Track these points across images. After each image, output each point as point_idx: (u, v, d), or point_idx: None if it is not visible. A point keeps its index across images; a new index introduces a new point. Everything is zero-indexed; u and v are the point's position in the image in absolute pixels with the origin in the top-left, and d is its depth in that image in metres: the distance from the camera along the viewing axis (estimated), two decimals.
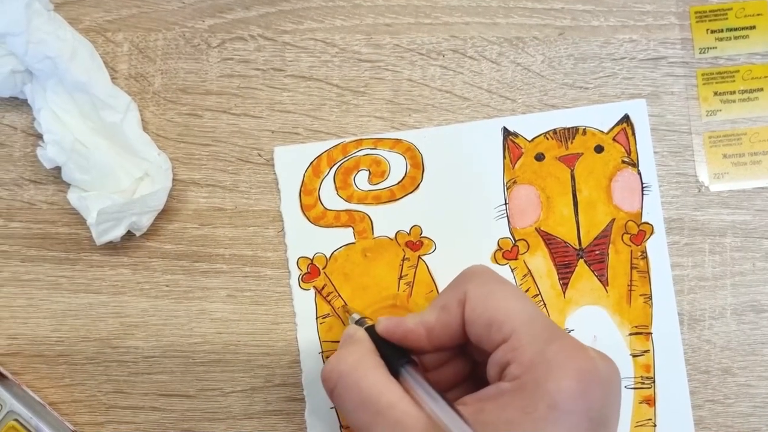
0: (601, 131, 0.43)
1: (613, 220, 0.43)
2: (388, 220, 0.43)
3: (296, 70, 0.44)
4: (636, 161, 0.43)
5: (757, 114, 0.44)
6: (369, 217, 0.43)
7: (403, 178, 0.43)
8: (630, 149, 0.43)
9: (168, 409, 0.42)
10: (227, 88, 0.43)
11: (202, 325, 0.42)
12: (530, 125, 0.43)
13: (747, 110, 0.44)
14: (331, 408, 0.42)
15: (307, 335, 0.42)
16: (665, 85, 0.44)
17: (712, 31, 0.44)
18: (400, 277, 0.43)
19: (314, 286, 0.43)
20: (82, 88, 0.41)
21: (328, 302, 0.42)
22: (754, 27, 0.44)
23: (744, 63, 0.44)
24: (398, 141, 0.43)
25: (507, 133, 0.43)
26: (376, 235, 0.43)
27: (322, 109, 0.43)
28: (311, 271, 0.43)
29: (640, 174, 0.43)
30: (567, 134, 0.43)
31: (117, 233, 0.40)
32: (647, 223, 0.43)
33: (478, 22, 0.44)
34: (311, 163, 0.43)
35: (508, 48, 0.44)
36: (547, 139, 0.43)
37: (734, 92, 0.44)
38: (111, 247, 0.42)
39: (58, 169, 0.41)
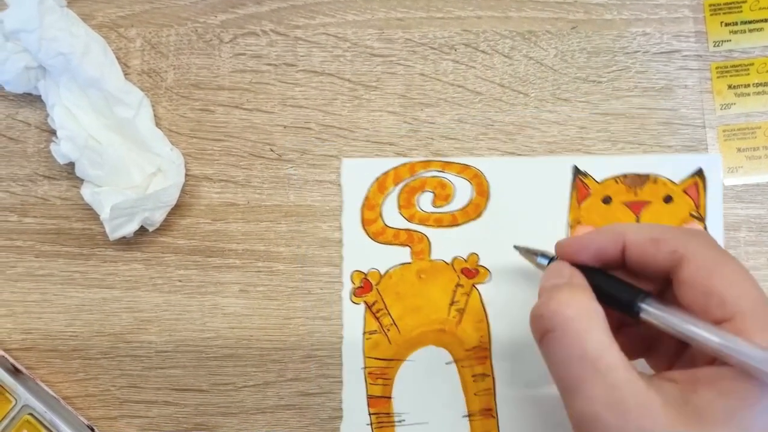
0: (673, 182, 0.43)
1: None
2: (446, 244, 0.42)
3: (308, 65, 0.44)
4: (704, 216, 0.42)
5: None
6: (428, 238, 0.43)
7: (467, 205, 0.43)
8: (699, 203, 0.43)
9: (181, 404, 0.42)
10: (239, 84, 0.43)
11: (214, 320, 0.42)
12: (601, 167, 0.42)
13: (761, 104, 0.43)
14: (367, 425, 0.42)
15: (352, 349, 0.42)
16: (679, 79, 0.43)
17: (726, 24, 0.43)
18: (452, 303, 0.42)
19: (365, 301, 0.42)
20: (95, 84, 0.41)
21: (377, 319, 0.42)
22: None
23: (758, 56, 0.43)
24: (466, 167, 0.43)
25: (577, 172, 0.43)
26: (432, 257, 0.43)
27: (334, 104, 0.43)
28: (364, 285, 0.43)
29: (706, 229, 0.42)
30: (638, 180, 0.42)
31: (130, 228, 0.41)
32: None
33: (491, 16, 0.44)
34: (377, 178, 0.43)
35: (521, 42, 0.44)
36: (617, 182, 0.43)
37: (749, 85, 0.43)
38: (124, 243, 0.43)
39: (71, 164, 0.41)
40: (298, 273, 0.43)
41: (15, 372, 0.41)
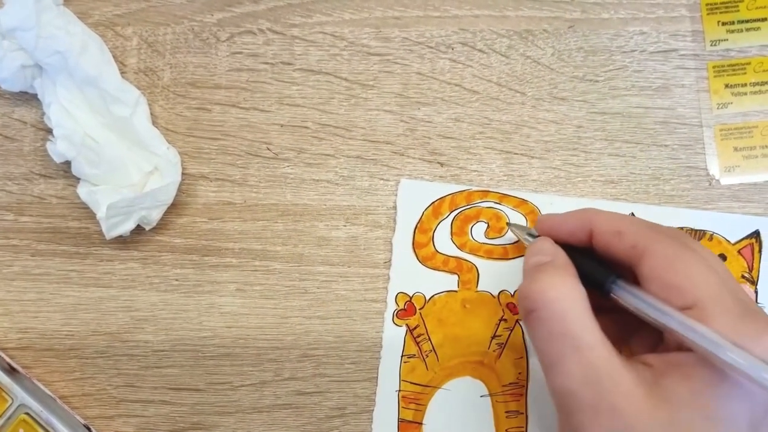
0: (728, 241, 0.42)
1: None
2: (495, 277, 0.42)
3: (305, 63, 0.43)
4: (756, 279, 0.42)
5: None
6: (477, 269, 0.42)
7: (520, 240, 0.42)
8: (753, 266, 0.42)
9: (178, 403, 0.42)
10: (236, 82, 0.43)
11: (211, 319, 0.42)
12: (659, 217, 0.41)
13: (758, 103, 0.43)
14: None
15: (388, 371, 0.42)
16: (676, 78, 0.43)
17: (723, 23, 0.43)
18: (494, 336, 0.42)
19: (407, 324, 0.42)
20: (91, 82, 0.41)
21: (417, 344, 0.42)
22: (765, 19, 0.43)
23: (756, 55, 0.43)
24: (523, 201, 0.43)
25: None
26: (479, 288, 0.42)
27: (331, 103, 0.43)
28: (408, 308, 0.42)
29: (757, 293, 0.42)
30: (693, 235, 0.42)
31: (127, 227, 0.40)
32: None
33: (488, 15, 0.44)
34: (433, 202, 0.43)
35: (518, 41, 0.44)
36: None
37: (746, 85, 0.43)
38: (121, 242, 0.43)
39: (67, 163, 0.41)
40: (295, 272, 0.43)
41: (11, 371, 0.41)
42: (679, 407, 0.29)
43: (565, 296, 0.32)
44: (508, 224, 0.42)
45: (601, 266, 0.35)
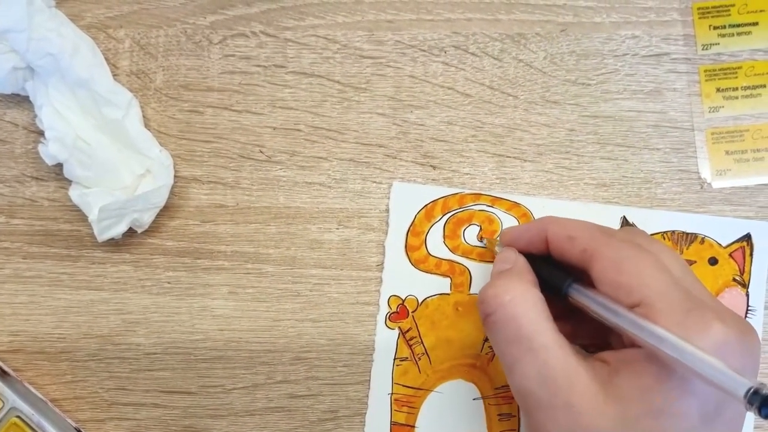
0: (720, 244, 0.42)
1: None
2: (487, 280, 0.41)
3: (298, 66, 0.43)
4: (747, 282, 0.42)
5: (760, 110, 0.43)
6: (469, 272, 0.42)
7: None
8: (744, 269, 0.42)
9: (170, 406, 0.42)
10: (229, 85, 0.43)
11: (203, 321, 0.42)
12: (650, 220, 0.42)
13: (750, 107, 0.43)
14: None
15: (381, 374, 0.42)
16: (668, 82, 0.44)
17: (715, 28, 0.44)
18: (486, 339, 0.42)
19: (399, 327, 0.42)
20: (83, 84, 0.41)
21: (410, 347, 0.42)
22: (756, 23, 0.44)
23: (747, 59, 0.44)
24: (516, 204, 0.43)
25: (626, 223, 0.42)
26: (472, 291, 0.42)
27: (323, 106, 0.43)
28: (400, 311, 0.42)
29: (748, 296, 0.42)
30: (685, 239, 0.42)
31: (119, 230, 0.40)
32: None
33: (480, 19, 0.44)
34: (425, 205, 0.43)
35: (510, 44, 0.44)
36: (664, 238, 0.42)
37: (737, 89, 0.43)
38: (112, 244, 0.42)
39: (59, 165, 0.41)
40: (287, 275, 0.43)
41: (2, 374, 0.41)
42: (630, 403, 0.30)
43: (520, 300, 0.33)
44: (480, 239, 0.42)
45: (559, 271, 0.36)
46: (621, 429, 0.30)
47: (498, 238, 0.42)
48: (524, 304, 0.33)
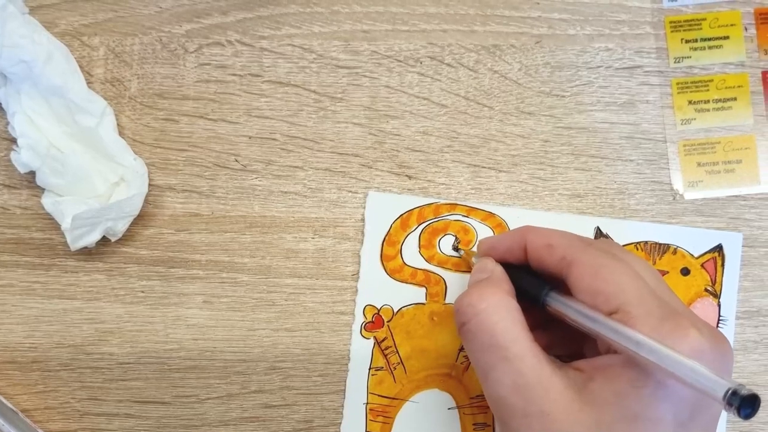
0: (692, 255, 0.43)
1: None
2: (462, 290, 0.41)
3: (274, 75, 0.43)
4: (719, 293, 0.43)
5: (731, 123, 0.44)
6: (445, 281, 0.43)
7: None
8: (715, 279, 0.43)
9: (143, 416, 0.42)
10: (204, 94, 0.43)
11: (177, 331, 0.42)
12: (623, 231, 0.43)
13: (721, 119, 0.44)
14: None
15: (356, 383, 0.42)
16: (640, 94, 0.44)
17: (687, 41, 0.44)
18: (461, 349, 0.42)
19: (375, 337, 0.42)
20: (57, 92, 0.40)
21: (385, 356, 0.42)
22: (727, 37, 0.44)
23: (718, 72, 0.44)
24: (491, 215, 0.43)
25: (599, 233, 0.43)
26: (447, 301, 0.42)
27: (299, 115, 0.43)
28: (375, 321, 0.42)
29: (719, 306, 0.43)
30: (657, 249, 0.43)
31: (92, 239, 0.40)
32: None
33: (456, 30, 0.44)
34: (401, 215, 0.43)
35: (486, 55, 0.44)
36: (637, 249, 0.43)
37: (708, 101, 0.44)
38: (86, 253, 0.42)
39: (32, 173, 0.41)
40: (263, 284, 0.42)
41: None
42: (604, 408, 0.30)
43: (495, 308, 0.34)
44: (455, 248, 0.42)
45: (536, 280, 0.36)
46: None
47: (474, 249, 0.42)
48: (499, 313, 0.33)
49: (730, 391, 0.27)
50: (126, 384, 0.42)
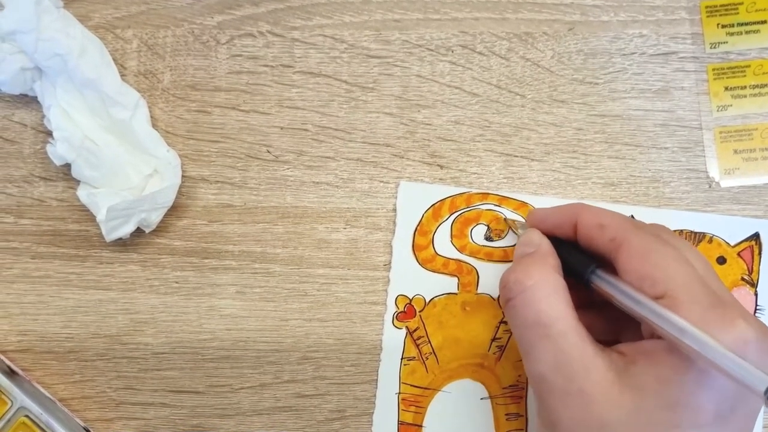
0: (728, 243, 0.42)
1: None
2: (494, 280, 0.42)
3: (305, 66, 0.44)
4: (756, 281, 0.42)
5: None
6: (477, 271, 0.42)
7: (514, 232, 0.42)
8: (752, 268, 0.42)
9: (177, 405, 0.42)
10: (236, 85, 0.43)
11: (211, 321, 0.42)
12: (658, 219, 0.41)
13: (758, 105, 0.43)
14: None
15: (388, 373, 0.42)
16: (675, 81, 0.43)
17: (723, 26, 0.43)
18: (494, 339, 0.42)
19: (407, 327, 0.42)
20: (91, 85, 0.41)
21: (417, 346, 0.42)
22: (765, 21, 0.43)
23: (755, 58, 0.43)
24: (523, 204, 0.42)
25: None
26: (479, 291, 0.42)
27: (330, 106, 0.43)
28: (408, 311, 0.42)
29: (756, 295, 0.42)
30: (693, 238, 0.42)
31: (126, 230, 0.40)
32: None
33: (488, 18, 0.44)
34: (433, 205, 0.43)
35: (518, 43, 0.44)
36: None
37: (745, 87, 0.43)
38: (120, 244, 0.42)
39: (67, 166, 0.41)
40: (295, 274, 0.43)
41: (11, 374, 0.41)
42: (645, 393, 0.30)
43: (540, 284, 0.33)
44: (505, 219, 0.42)
45: (583, 256, 0.36)
46: (634, 419, 0.30)
47: (522, 220, 0.42)
48: (545, 290, 0.33)
49: None
50: (161, 374, 0.42)
